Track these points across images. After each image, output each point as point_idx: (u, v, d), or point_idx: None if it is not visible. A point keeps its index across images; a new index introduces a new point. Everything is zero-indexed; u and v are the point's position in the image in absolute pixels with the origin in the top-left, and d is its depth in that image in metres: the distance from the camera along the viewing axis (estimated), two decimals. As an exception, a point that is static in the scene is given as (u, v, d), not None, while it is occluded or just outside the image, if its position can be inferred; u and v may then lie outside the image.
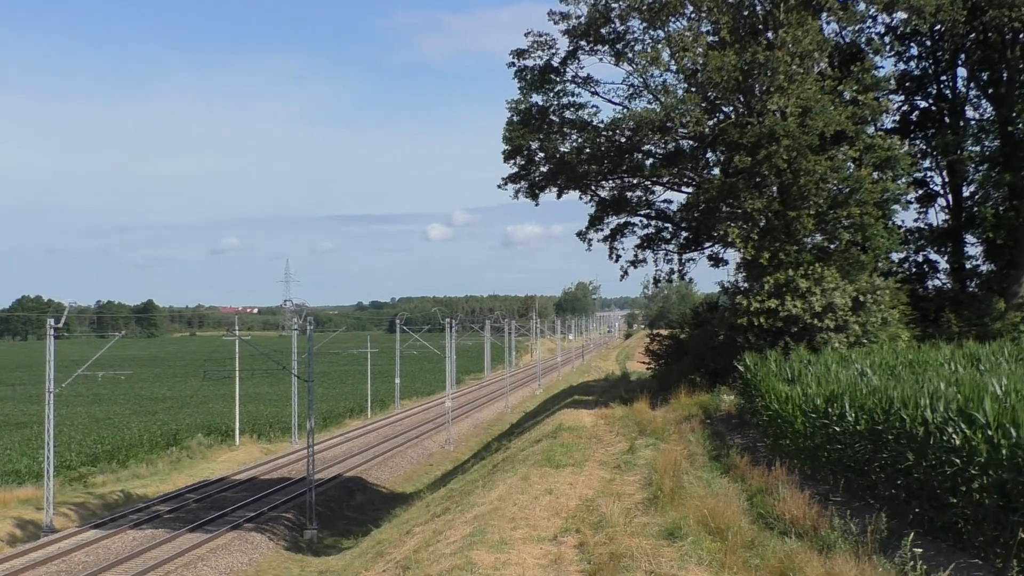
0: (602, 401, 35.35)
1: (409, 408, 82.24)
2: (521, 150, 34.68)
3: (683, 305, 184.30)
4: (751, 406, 23.58)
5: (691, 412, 27.03)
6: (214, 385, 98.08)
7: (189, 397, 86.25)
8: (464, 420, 72.62)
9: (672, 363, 39.83)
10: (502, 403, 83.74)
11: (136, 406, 77.80)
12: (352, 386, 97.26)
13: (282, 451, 57.75)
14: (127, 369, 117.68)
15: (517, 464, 23.09)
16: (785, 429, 19.64)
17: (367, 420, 74.04)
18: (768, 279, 28.57)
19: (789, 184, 29.08)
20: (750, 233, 29.35)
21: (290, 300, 66.56)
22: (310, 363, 41.14)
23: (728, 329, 29.78)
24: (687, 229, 35.90)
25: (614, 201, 35.99)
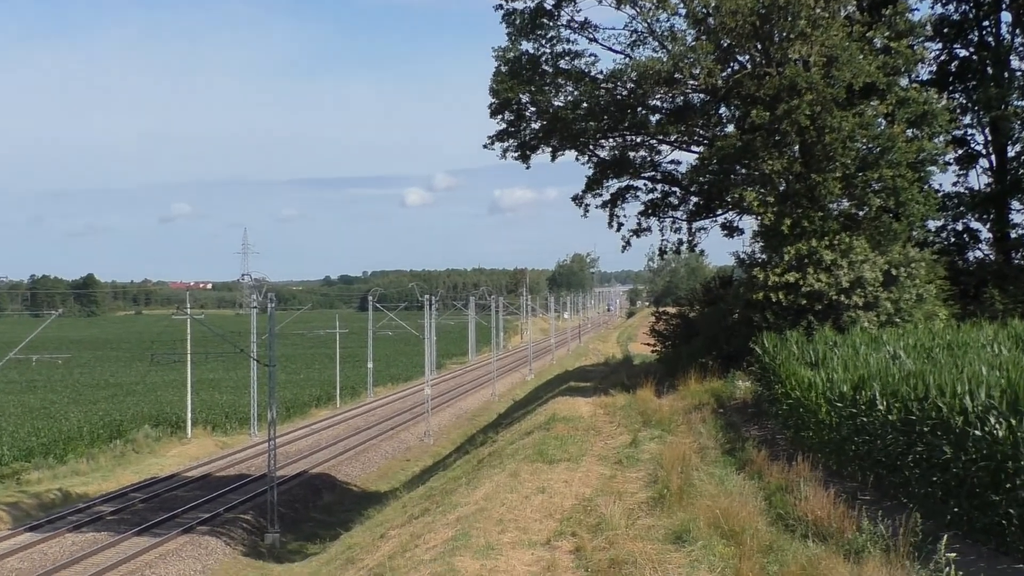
0: (601, 388, 35.39)
1: (383, 396, 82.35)
2: (510, 104, 34.48)
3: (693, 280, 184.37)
4: (769, 393, 23.63)
5: (702, 400, 27.07)
6: (163, 370, 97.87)
7: (135, 384, 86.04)
8: (445, 409, 72.76)
9: (680, 345, 39.91)
10: (488, 390, 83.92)
11: (75, 394, 77.62)
12: (319, 371, 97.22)
13: (240, 445, 57.74)
14: (65, 352, 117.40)
15: (505, 459, 23.10)
16: (807, 419, 19.67)
17: (336, 410, 74.10)
18: (789, 249, 28.56)
19: (812, 143, 29.02)
20: (768, 197, 29.32)
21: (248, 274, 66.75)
22: (271, 345, 41.05)
23: (743, 306, 29.80)
24: (697, 193, 35.85)
25: (615, 162, 35.89)
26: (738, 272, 38.86)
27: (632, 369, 47.34)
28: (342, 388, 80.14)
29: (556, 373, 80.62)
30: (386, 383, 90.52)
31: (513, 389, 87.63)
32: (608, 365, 61.67)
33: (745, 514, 14.24)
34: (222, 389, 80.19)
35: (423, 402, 64.54)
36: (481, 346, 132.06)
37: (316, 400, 75.53)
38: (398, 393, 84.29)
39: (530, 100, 34.24)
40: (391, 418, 68.12)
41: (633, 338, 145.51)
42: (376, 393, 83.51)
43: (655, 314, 46.73)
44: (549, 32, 33.65)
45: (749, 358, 26.72)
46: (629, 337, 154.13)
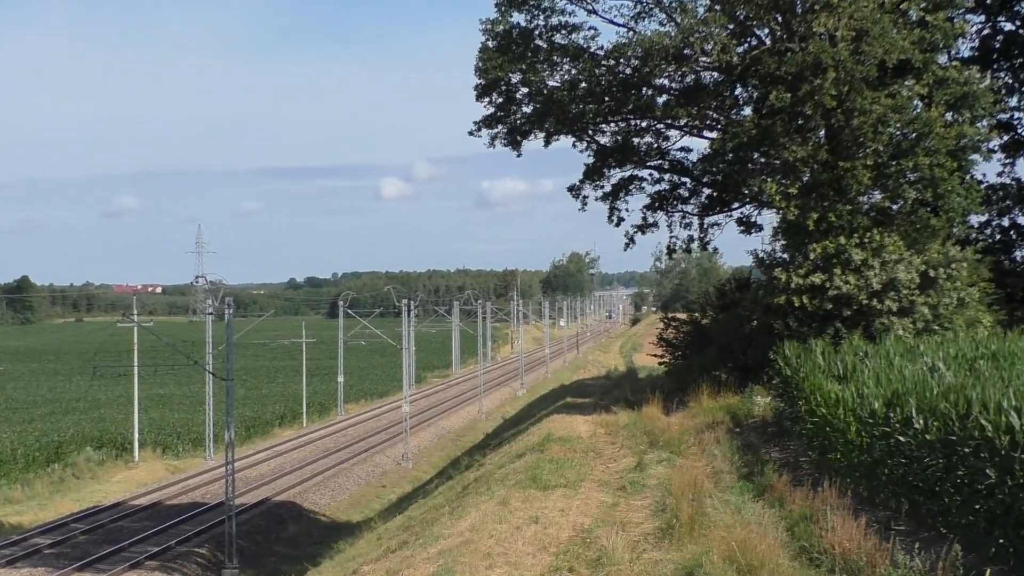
0: (602, 405, 35.37)
1: (356, 414, 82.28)
2: (498, 85, 34.47)
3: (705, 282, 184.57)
4: (791, 410, 23.62)
5: (715, 418, 27.08)
6: (107, 385, 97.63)
7: (75, 400, 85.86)
8: (426, 429, 72.72)
9: (691, 356, 39.99)
10: (474, 407, 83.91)
11: (7, 412, 77.37)
12: (283, 386, 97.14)
13: (194, 469, 57.60)
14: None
15: (494, 485, 23.04)
16: (835, 440, 19.65)
17: (302, 429, 73.99)
18: (814, 247, 28.59)
19: (839, 128, 29.05)
20: (790, 189, 29.34)
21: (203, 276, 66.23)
22: (229, 357, 40.95)
23: (763, 312, 29.81)
24: (710, 185, 35.89)
25: (617, 149, 35.92)
26: (756, 273, 38.87)
27: (637, 383, 47.31)
28: (309, 405, 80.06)
29: (551, 388, 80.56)
30: (359, 399, 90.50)
31: (502, 406, 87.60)
32: (610, 379, 61.64)
33: (764, 547, 14.20)
34: (173, 406, 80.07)
35: (401, 421, 64.46)
36: (466, 357, 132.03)
37: (280, 419, 75.45)
38: (372, 410, 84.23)
39: (522, 80, 34.22)
40: (364, 439, 68.03)
41: (638, 348, 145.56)
42: (347, 410, 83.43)
43: (663, 320, 46.83)
44: (543, 2, 33.67)
45: (769, 370, 26.72)
46: (633, 347, 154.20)
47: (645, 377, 55.34)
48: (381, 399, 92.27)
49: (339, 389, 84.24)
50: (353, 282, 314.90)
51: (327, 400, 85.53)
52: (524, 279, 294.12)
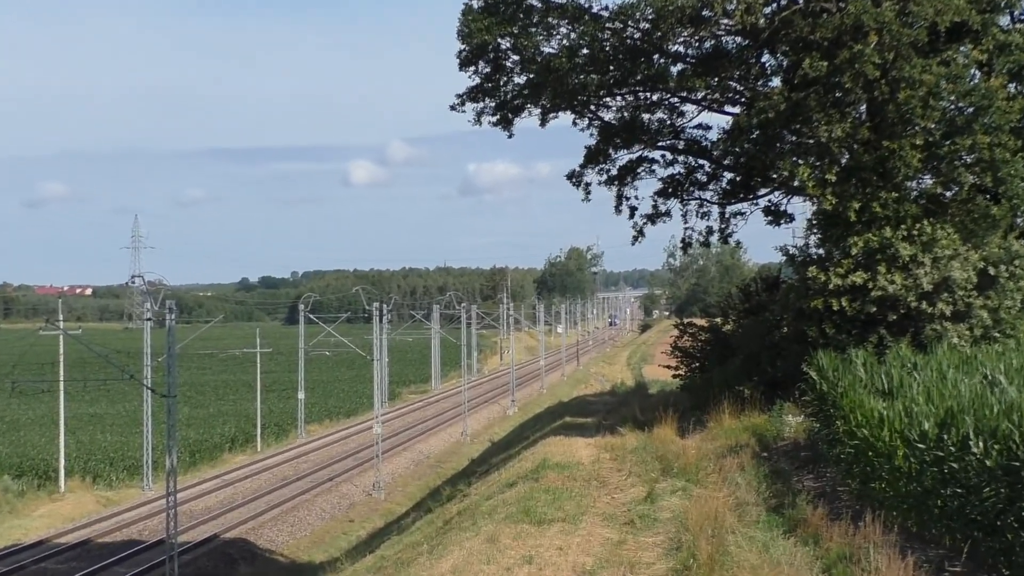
0: (607, 425, 35.38)
1: (319, 436, 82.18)
2: (485, 51, 34.40)
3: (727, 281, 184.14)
4: (828, 432, 23.57)
5: (739, 441, 27.08)
6: (27, 403, 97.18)
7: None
8: (401, 454, 72.69)
9: (711, 368, 39.95)
10: (458, 428, 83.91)
11: (-90, 435, 76.96)
12: (234, 404, 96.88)
13: (129, 501, 57.44)
14: None
15: (480, 519, 22.99)
16: (879, 466, 19.62)
17: (256, 454, 73.87)
18: (854, 241, 28.56)
19: (884, 101, 29.00)
20: (826, 173, 29.30)
21: (141, 276, 65.87)
22: (171, 369, 40.85)
23: (794, 317, 29.78)
24: (732, 167, 35.87)
25: (624, 127, 35.91)
26: (787, 271, 38.87)
27: (647, 400, 47.28)
28: (264, 426, 79.92)
29: (547, 405, 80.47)
30: (323, 419, 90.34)
31: (490, 426, 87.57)
32: (615, 395, 61.64)
33: (798, 591, 14.17)
34: (106, 428, 79.78)
35: (371, 444, 64.37)
36: (448, 370, 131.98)
37: (230, 442, 75.26)
38: (339, 432, 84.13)
39: (512, 45, 34.14)
40: (329, 465, 67.94)
41: (648, 359, 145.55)
42: (309, 432, 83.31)
43: (678, 326, 46.69)
44: (537, -48, 33.63)
45: (801, 385, 26.65)
46: (643, 358, 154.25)
47: (656, 393, 55.30)
48: (349, 419, 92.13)
49: (299, 407, 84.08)
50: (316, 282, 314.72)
51: (285, 420, 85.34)
52: (515, 278, 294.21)
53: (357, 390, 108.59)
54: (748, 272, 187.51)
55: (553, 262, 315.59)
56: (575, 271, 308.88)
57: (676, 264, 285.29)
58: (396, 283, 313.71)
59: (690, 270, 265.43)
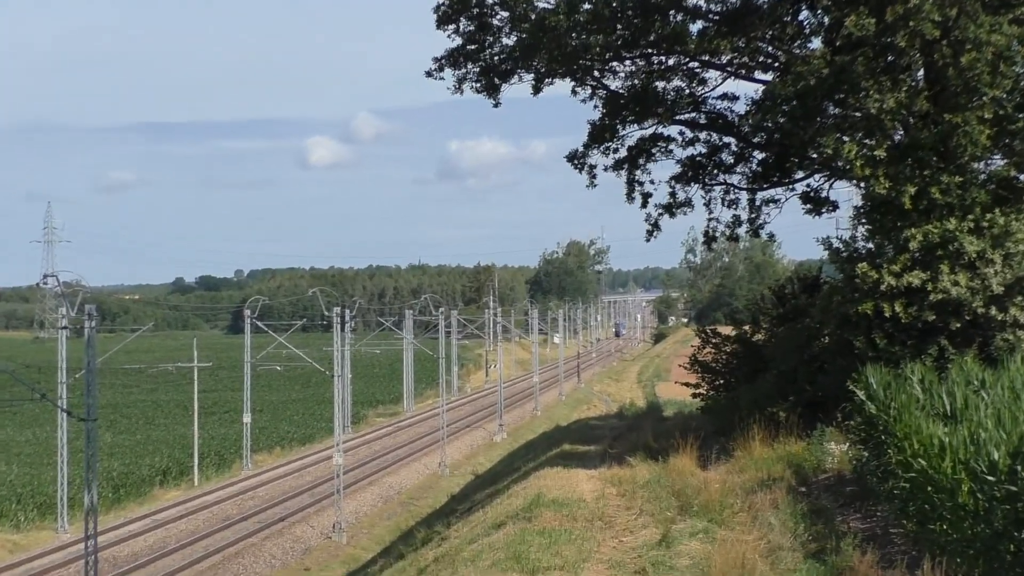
0: (613, 454, 35.40)
1: (269, 467, 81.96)
2: (468, 6, 34.41)
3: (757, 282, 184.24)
4: (879, 463, 23.54)
5: (772, 473, 27.13)
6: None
7: None
8: (367, 489, 72.50)
9: (738, 386, 39.93)
10: (434, 458, 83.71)
11: None
12: (167, 429, 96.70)
13: (41, 546, 57.21)
14: None
15: (462, 567, 22.97)
16: (939, 503, 19.57)
17: (194, 490, 73.67)
18: (911, 234, 28.51)
19: (945, 66, 29.00)
20: (877, 151, 29.26)
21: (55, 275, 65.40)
22: (91, 388, 40.69)
23: (839, 325, 29.76)
24: (764, 146, 35.88)
25: (635, 97, 35.87)
26: (829, 270, 38.85)
27: (662, 424, 47.29)
28: (203, 456, 79.70)
29: (542, 430, 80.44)
30: (273, 447, 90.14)
31: (474, 456, 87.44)
32: (623, 418, 61.59)
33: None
34: (13, 457, 79.59)
35: (331, 477, 64.16)
36: (424, 388, 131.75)
37: (162, 475, 75.08)
38: (292, 463, 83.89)
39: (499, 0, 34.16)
40: (281, 502, 67.77)
41: (663, 375, 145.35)
42: (257, 463, 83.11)
43: (699, 335, 46.68)
44: None
45: (847, 406, 26.64)
46: (657, 373, 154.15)
47: (673, 416, 55.27)
48: (304, 447, 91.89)
49: (245, 433, 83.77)
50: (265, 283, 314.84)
51: (228, 448, 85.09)
52: (504, 278, 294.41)
53: (314, 412, 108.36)
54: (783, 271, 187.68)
55: (549, 259, 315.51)
56: (575, 270, 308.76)
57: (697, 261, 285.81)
58: (361, 284, 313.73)
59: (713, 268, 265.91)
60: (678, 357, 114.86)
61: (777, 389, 34.08)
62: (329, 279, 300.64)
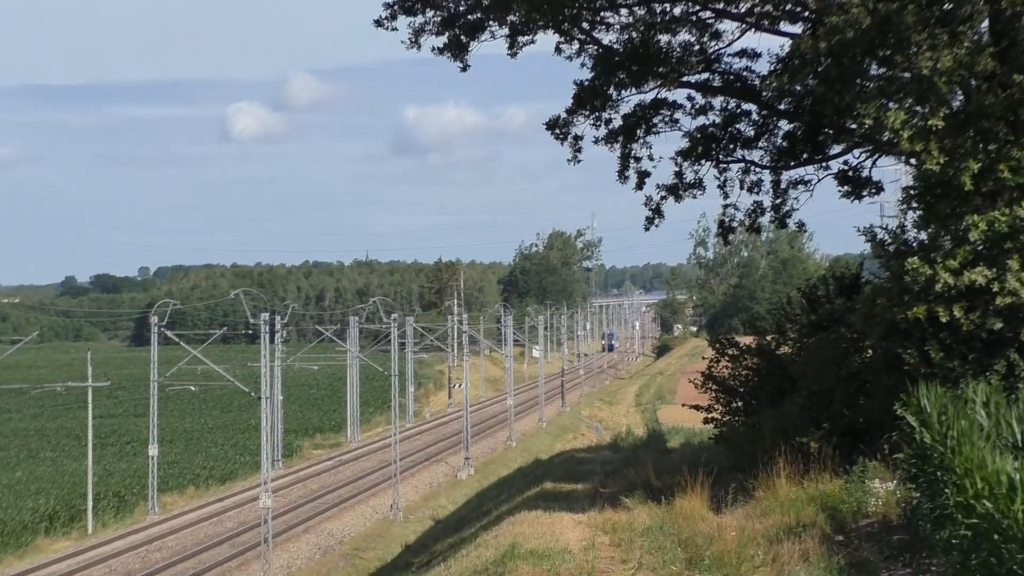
0: (606, 495, 35.47)
1: (180, 511, 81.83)
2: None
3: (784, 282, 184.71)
4: (934, 505, 23.54)
5: (801, 518, 27.12)
6: None
7: None
8: (301, 537, 72.42)
9: (760, 409, 39.88)
10: (385, 499, 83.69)
11: None
12: (55, 463, 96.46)
13: None
14: None
15: (419, 636, 22.97)
16: (1009, 555, 19.60)
17: (87, 540, 73.56)
18: (973, 221, 28.52)
19: (1014, 15, 29.05)
20: (931, 120, 29.27)
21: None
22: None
23: (885, 334, 29.71)
24: (792, 115, 35.87)
25: (632, 54, 35.89)
26: (872, 266, 38.83)
27: (665, 458, 47.32)
28: (99, 498, 79.56)
29: (517, 465, 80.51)
30: (186, 486, 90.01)
31: (433, 496, 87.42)
32: (618, 449, 61.73)
33: None
34: None
35: (257, 523, 64.05)
36: (372, 412, 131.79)
37: (48, 521, 74.92)
38: (209, 505, 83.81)
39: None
40: (194, 555, 67.66)
41: (667, 396, 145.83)
42: (166, 507, 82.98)
43: (712, 345, 46.63)
44: None
45: (894, 435, 26.65)
46: (659, 394, 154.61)
47: (679, 447, 55.38)
48: (224, 486, 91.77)
49: (151, 469, 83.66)
50: (177, 283, 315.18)
51: (130, 488, 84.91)
52: (472, 277, 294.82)
53: (237, 443, 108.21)
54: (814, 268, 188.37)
55: (527, 254, 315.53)
56: (559, 267, 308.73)
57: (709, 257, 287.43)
58: (295, 285, 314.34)
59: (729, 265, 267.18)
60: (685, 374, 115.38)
61: (808, 414, 34.01)
62: (256, 278, 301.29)
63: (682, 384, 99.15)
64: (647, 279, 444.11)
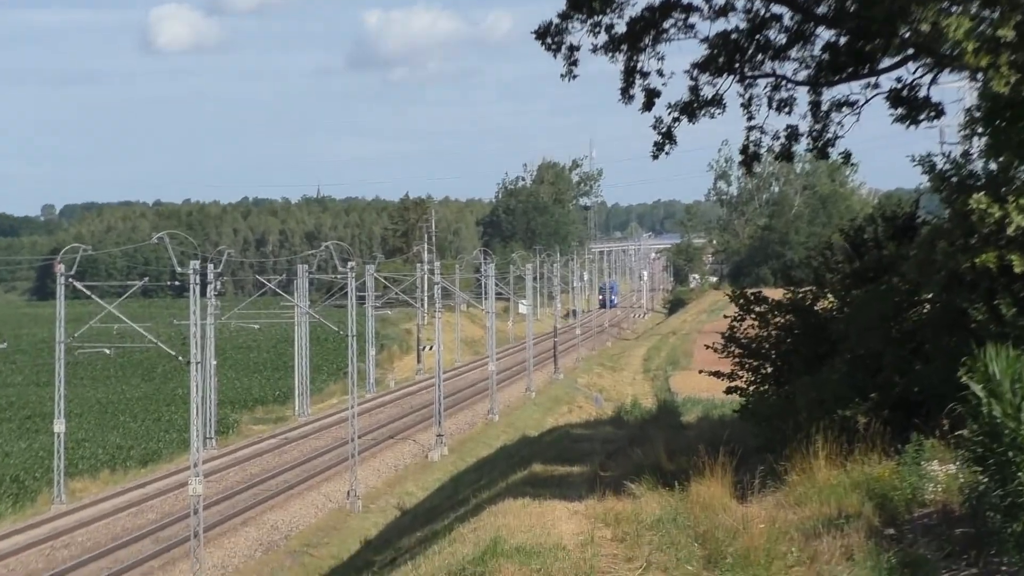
0: (607, 479, 35.45)
1: (92, 499, 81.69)
2: None
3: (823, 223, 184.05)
4: (1003, 492, 23.63)
5: (844, 507, 27.20)
6: None
7: None
8: (240, 530, 72.40)
9: (794, 376, 39.86)
10: (340, 485, 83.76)
11: None
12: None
13: None
14: None
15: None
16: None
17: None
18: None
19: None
20: (1000, 30, 29.27)
21: None
22: None
23: (945, 286, 29.77)
24: (833, 21, 35.83)
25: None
26: (930, 204, 38.82)
27: (679, 435, 47.36)
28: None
29: (501, 443, 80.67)
30: (99, 469, 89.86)
31: (399, 482, 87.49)
32: (623, 425, 61.79)
33: None
34: None
35: (186, 514, 64.03)
36: (326, 380, 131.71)
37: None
38: (128, 492, 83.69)
39: None
40: (109, 552, 67.63)
41: (682, 360, 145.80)
42: (75, 494, 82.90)
43: (736, 300, 46.55)
44: None
45: (956, 407, 26.71)
46: (672, 358, 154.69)
47: (696, 422, 55.38)
48: (146, 469, 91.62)
49: (57, 448, 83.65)
50: (88, 225, 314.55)
51: (31, 473, 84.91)
52: (446, 217, 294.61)
53: (161, 418, 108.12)
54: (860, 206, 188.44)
55: (512, 189, 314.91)
56: (550, 204, 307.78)
57: (732, 193, 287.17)
58: (231, 226, 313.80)
59: (757, 203, 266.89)
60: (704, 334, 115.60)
61: (852, 382, 34.02)
62: (184, 219, 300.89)
63: (699, 346, 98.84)
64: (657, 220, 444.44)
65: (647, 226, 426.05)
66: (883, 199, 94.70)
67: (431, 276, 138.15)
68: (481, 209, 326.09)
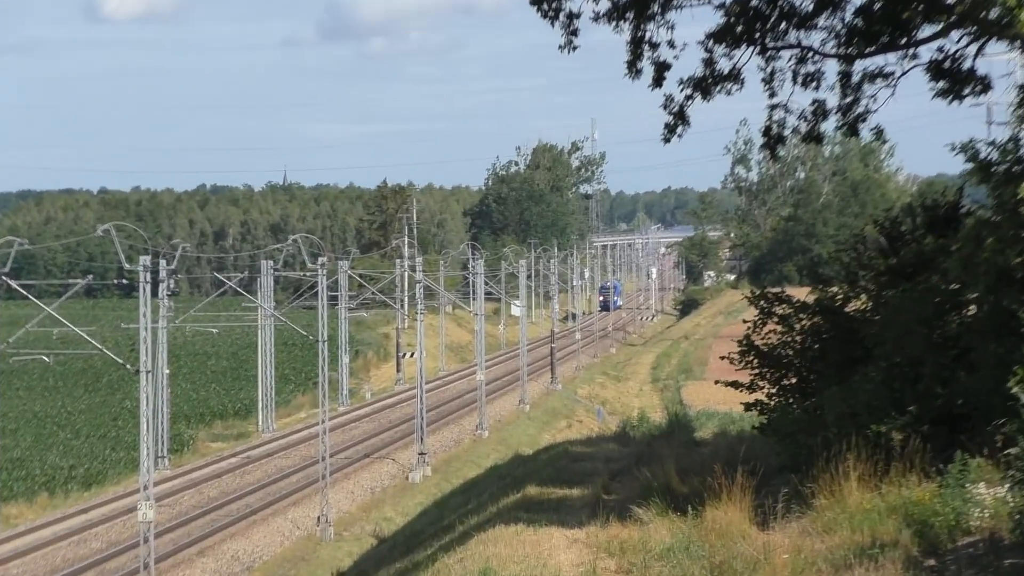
0: (612, 503, 35.43)
1: (27, 526, 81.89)
2: None
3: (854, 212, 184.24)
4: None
5: (879, 535, 27.16)
6: None
7: None
8: (195, 562, 72.61)
9: (822, 387, 39.80)
10: (309, 510, 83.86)
11: None
12: None
13: None
14: None
15: None
16: None
17: None
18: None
19: None
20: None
21: None
22: None
23: (992, 285, 29.69)
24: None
25: None
26: (975, 193, 38.74)
27: (693, 452, 47.36)
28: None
29: (491, 462, 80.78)
30: (36, 493, 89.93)
31: (376, 506, 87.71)
32: (629, 441, 61.86)
33: None
34: None
35: (135, 542, 64.06)
36: (293, 392, 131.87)
37: None
38: (68, 518, 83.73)
39: None
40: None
41: (695, 370, 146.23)
42: (8, 520, 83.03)
43: (756, 301, 46.45)
44: None
45: (1005, 422, 26.63)
46: (684, 368, 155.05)
47: (711, 438, 55.38)
48: (89, 492, 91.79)
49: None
50: (24, 216, 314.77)
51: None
52: (429, 207, 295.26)
53: (107, 434, 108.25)
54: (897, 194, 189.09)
55: (503, 175, 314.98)
56: (547, 192, 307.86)
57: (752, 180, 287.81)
58: (186, 217, 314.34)
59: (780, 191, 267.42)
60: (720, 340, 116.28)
61: (888, 393, 33.98)
62: (132, 209, 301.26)
63: (715, 353, 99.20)
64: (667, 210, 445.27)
65: (656, 217, 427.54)
66: (923, 186, 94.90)
67: (412, 273, 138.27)
68: (469, 198, 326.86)
